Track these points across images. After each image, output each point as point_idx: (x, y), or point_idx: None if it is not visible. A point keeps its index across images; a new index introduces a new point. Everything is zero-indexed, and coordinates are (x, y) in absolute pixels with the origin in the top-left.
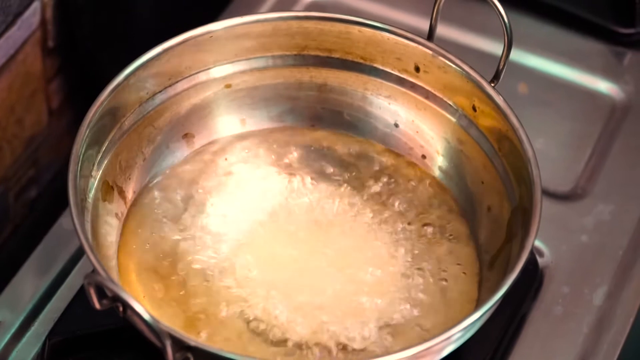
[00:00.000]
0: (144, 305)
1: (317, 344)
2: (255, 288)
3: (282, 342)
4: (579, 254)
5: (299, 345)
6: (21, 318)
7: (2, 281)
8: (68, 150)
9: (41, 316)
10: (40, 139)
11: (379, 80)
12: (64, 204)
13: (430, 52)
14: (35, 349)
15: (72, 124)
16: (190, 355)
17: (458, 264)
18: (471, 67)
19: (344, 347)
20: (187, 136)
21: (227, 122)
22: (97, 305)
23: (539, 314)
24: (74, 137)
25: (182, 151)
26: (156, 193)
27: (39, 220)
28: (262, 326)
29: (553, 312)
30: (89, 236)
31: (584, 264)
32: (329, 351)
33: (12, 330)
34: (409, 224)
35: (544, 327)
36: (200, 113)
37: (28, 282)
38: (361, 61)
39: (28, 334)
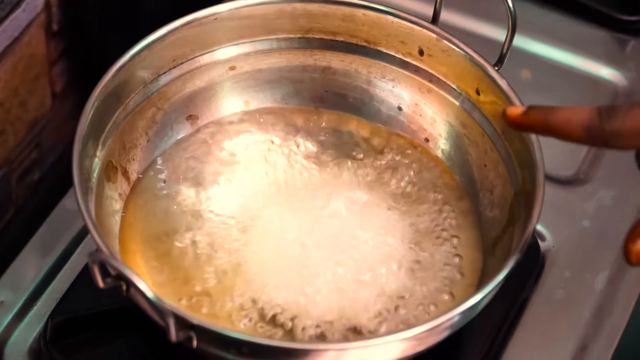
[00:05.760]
0: (147, 283)
1: (319, 324)
2: (260, 266)
3: (284, 322)
4: (580, 238)
5: (301, 325)
6: (23, 298)
7: (4, 263)
8: (71, 133)
9: (43, 296)
10: (44, 122)
11: (383, 63)
12: (66, 186)
13: (435, 35)
14: (37, 329)
15: (76, 108)
16: (193, 334)
17: (460, 246)
18: (475, 51)
19: (349, 329)
20: (191, 117)
21: (231, 104)
22: (101, 284)
23: (540, 298)
24: (77, 121)
25: (185, 132)
26: (159, 174)
27: (42, 203)
28: (265, 305)
29: (554, 297)
30: (93, 215)
31: (585, 249)
32: (332, 332)
33: (14, 310)
34: (411, 206)
35: (545, 311)
36: (204, 95)
37: (30, 263)
38: (365, 44)
39: (30, 314)
